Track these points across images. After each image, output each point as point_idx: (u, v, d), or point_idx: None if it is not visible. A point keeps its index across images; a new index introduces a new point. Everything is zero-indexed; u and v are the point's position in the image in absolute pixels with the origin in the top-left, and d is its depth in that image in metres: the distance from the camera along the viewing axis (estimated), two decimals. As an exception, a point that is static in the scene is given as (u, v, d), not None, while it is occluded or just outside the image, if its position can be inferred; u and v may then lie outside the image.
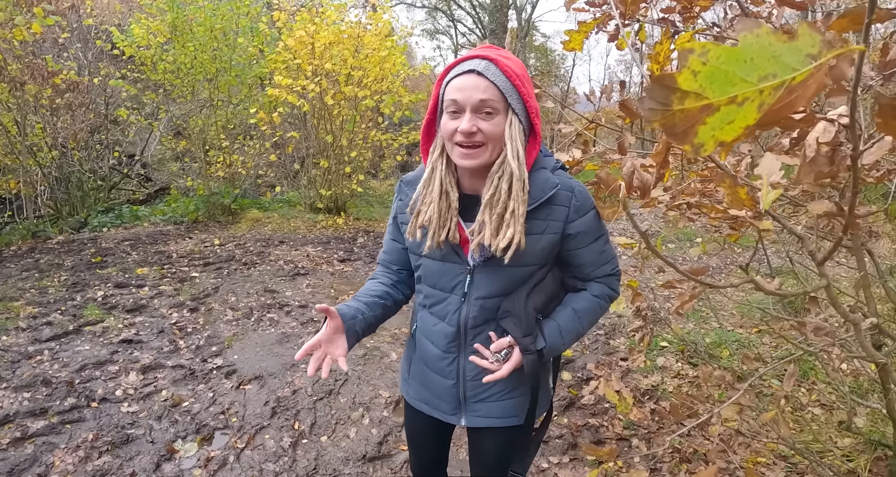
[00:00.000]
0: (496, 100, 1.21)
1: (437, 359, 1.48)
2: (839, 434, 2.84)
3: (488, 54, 1.23)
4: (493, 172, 1.26)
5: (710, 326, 4.28)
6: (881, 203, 2.98)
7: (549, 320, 1.38)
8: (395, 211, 1.52)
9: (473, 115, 1.22)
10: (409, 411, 1.67)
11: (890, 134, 0.52)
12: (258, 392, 3.26)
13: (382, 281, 1.59)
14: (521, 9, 20.28)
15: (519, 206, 1.24)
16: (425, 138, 1.38)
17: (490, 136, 1.22)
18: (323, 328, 1.36)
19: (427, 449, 1.73)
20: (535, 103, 1.27)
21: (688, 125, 0.37)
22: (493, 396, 1.46)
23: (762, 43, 0.34)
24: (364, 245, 7.31)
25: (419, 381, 1.57)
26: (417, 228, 1.34)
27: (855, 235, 1.70)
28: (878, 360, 1.23)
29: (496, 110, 1.22)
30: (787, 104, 0.37)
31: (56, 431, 2.80)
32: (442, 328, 1.45)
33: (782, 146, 0.85)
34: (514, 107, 1.22)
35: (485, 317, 1.39)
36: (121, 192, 9.50)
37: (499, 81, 1.20)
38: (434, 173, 1.32)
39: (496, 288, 1.36)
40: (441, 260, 1.39)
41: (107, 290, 4.93)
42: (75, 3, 8.48)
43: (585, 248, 1.37)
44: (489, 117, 1.22)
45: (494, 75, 1.20)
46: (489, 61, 1.22)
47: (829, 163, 0.63)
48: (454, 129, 1.23)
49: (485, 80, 1.20)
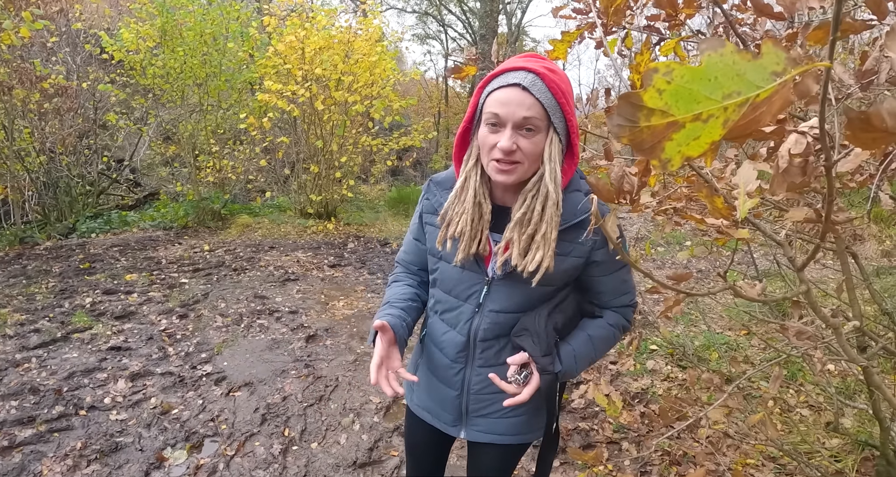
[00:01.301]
0: (539, 118, 1.15)
1: (443, 368, 1.46)
2: (827, 435, 2.86)
3: (535, 67, 1.16)
4: (528, 190, 1.22)
5: (698, 329, 4.31)
6: (864, 206, 3.02)
7: (566, 343, 1.34)
8: (420, 209, 1.48)
9: (514, 132, 1.17)
10: (411, 419, 1.65)
11: (859, 145, 0.53)
12: (248, 399, 3.24)
13: (408, 283, 1.57)
14: (512, 14, 20.36)
15: (551, 231, 1.20)
16: (459, 146, 1.33)
17: (529, 154, 1.18)
18: (378, 345, 1.33)
19: (425, 458, 1.70)
20: (576, 121, 1.21)
21: (655, 141, 0.38)
22: (495, 413, 1.43)
23: (726, 61, 0.36)
24: (354, 250, 7.31)
25: (424, 388, 1.55)
26: (448, 238, 1.31)
27: (839, 239, 1.72)
28: (860, 362, 1.25)
29: (538, 128, 1.17)
30: (752, 120, 0.38)
31: (44, 440, 2.78)
32: (452, 337, 1.43)
33: (761, 155, 0.87)
34: (556, 125, 1.18)
35: (496, 331, 1.36)
36: (109, 198, 9.43)
37: (544, 99, 1.15)
38: (467, 183, 1.28)
39: (512, 303, 1.33)
40: (461, 267, 1.36)
41: (95, 296, 4.89)
42: (64, 7, 8.45)
43: (608, 276, 1.34)
44: (530, 135, 1.17)
45: (540, 92, 1.14)
46: (536, 75, 1.15)
47: (802, 173, 0.65)
48: (493, 145, 1.19)
49: (530, 96, 1.14)
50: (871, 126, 0.49)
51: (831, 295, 2.49)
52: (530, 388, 1.26)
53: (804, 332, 1.24)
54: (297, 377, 3.51)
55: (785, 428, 2.95)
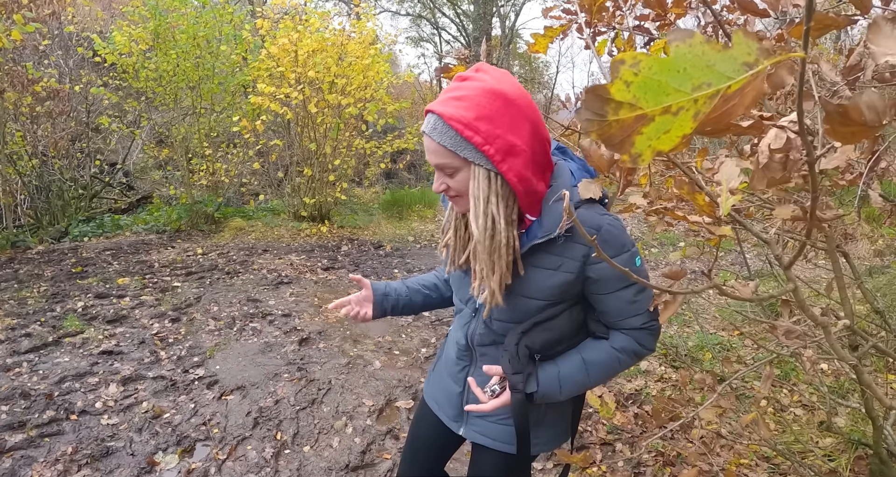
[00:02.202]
0: (449, 159, 1.15)
1: (451, 364, 1.52)
2: (820, 434, 2.87)
3: (436, 107, 1.13)
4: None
5: (692, 330, 4.31)
6: (852, 205, 3.02)
7: (551, 364, 1.29)
8: None
9: (440, 174, 1.20)
10: (422, 410, 1.67)
11: (838, 140, 0.53)
12: (240, 402, 3.22)
13: (437, 274, 1.66)
14: (505, 17, 20.40)
15: (488, 270, 1.20)
16: None
17: (461, 191, 1.19)
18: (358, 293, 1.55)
19: (423, 451, 1.68)
20: (510, 139, 1.12)
21: (624, 135, 0.37)
22: (492, 416, 1.43)
23: (695, 52, 0.35)
24: (348, 253, 7.29)
25: (437, 379, 1.60)
26: (443, 247, 1.38)
27: (830, 238, 1.72)
28: (849, 361, 1.24)
29: (456, 168, 1.16)
30: (724, 112, 0.37)
31: (34, 445, 2.75)
32: (457, 337, 1.48)
33: (744, 152, 0.86)
34: (473, 160, 1.13)
35: (491, 338, 1.36)
36: (102, 201, 9.39)
37: (445, 140, 1.13)
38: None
39: (503, 313, 1.32)
40: (462, 271, 1.39)
41: (87, 300, 4.86)
42: (56, 10, 8.40)
43: (611, 294, 1.24)
44: (453, 173, 1.17)
45: (441, 134, 1.13)
46: (437, 116, 1.13)
47: (782, 169, 0.64)
48: None
49: (433, 142, 1.14)
50: (849, 120, 0.48)
51: (822, 294, 2.50)
52: (496, 401, 1.26)
53: (793, 331, 1.24)
54: (289, 381, 3.50)
55: (778, 428, 2.95)
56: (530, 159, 1.15)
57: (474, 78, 1.14)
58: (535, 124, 1.14)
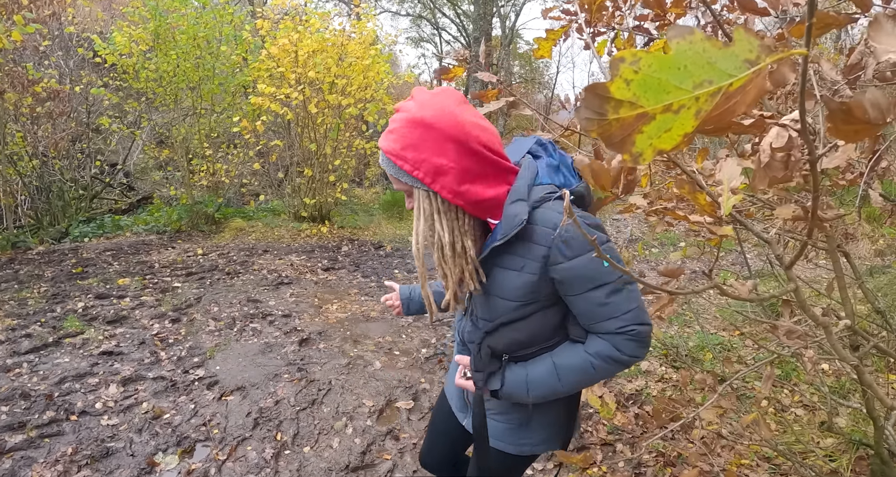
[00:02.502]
0: (400, 185, 1.26)
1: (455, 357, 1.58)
2: (821, 435, 2.86)
3: (379, 143, 1.26)
4: None
5: (692, 330, 4.31)
6: (853, 205, 3.01)
7: (519, 366, 1.31)
8: None
9: (405, 195, 1.30)
10: (440, 399, 1.80)
11: (841, 138, 0.52)
12: (240, 403, 3.22)
13: None
14: (506, 17, 20.38)
15: (445, 275, 1.29)
16: None
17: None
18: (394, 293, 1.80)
19: (441, 436, 1.80)
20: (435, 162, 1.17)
21: (625, 134, 0.37)
22: (487, 411, 1.50)
23: (696, 49, 0.34)
24: (348, 254, 7.29)
25: (450, 372, 1.71)
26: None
27: (830, 238, 1.71)
28: (850, 361, 1.24)
29: (408, 191, 1.27)
30: (726, 110, 0.37)
31: (34, 446, 2.75)
32: (456, 333, 1.57)
33: (745, 152, 0.86)
34: (412, 184, 1.22)
35: (479, 336, 1.37)
36: (102, 202, 9.40)
37: (390, 170, 1.24)
38: None
39: (485, 312, 1.35)
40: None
41: (87, 301, 4.86)
42: (56, 11, 8.40)
43: (578, 296, 1.21)
44: (410, 194, 1.27)
45: (387, 166, 1.24)
46: (381, 150, 1.25)
47: (784, 167, 0.64)
48: None
49: (387, 171, 1.27)
50: (852, 118, 0.48)
51: (823, 294, 2.50)
52: (464, 382, 1.40)
53: (794, 331, 1.24)
54: (289, 381, 3.49)
55: (779, 428, 2.94)
56: (462, 174, 1.18)
57: (403, 108, 1.23)
58: (459, 142, 1.17)
